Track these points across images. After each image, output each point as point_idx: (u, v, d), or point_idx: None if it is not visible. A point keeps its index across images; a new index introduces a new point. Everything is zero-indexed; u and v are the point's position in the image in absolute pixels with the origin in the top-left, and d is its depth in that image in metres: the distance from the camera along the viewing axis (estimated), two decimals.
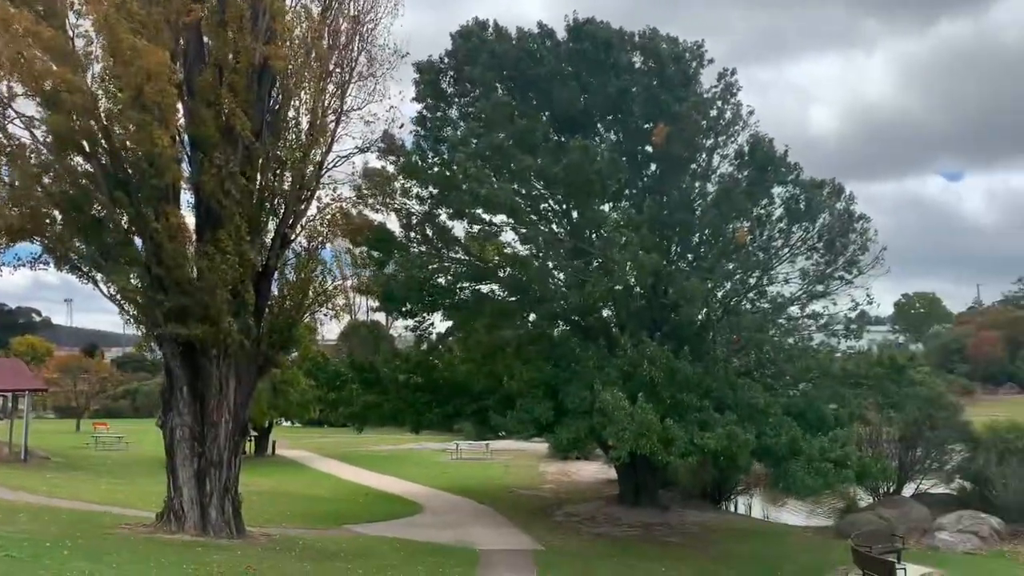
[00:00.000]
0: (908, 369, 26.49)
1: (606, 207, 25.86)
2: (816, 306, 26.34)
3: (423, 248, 26.78)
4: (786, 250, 26.19)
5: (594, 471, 38.57)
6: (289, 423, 60.79)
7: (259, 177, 18.67)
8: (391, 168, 25.59)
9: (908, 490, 30.50)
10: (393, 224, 26.82)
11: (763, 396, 22.09)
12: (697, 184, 26.27)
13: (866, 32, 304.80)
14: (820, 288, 26.18)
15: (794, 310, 26.64)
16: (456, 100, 27.60)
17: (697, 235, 25.80)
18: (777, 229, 25.82)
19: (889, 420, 27.33)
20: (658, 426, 19.21)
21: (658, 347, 22.00)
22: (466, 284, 27.56)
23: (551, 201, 26.63)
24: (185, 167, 18.41)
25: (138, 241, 17.78)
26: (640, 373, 21.22)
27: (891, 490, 30.42)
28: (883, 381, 25.62)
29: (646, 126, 25.42)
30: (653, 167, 26.46)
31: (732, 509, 33.12)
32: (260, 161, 18.35)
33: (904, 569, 19.27)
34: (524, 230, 25.54)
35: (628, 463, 27.04)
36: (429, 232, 26.82)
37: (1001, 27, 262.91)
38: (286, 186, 18.97)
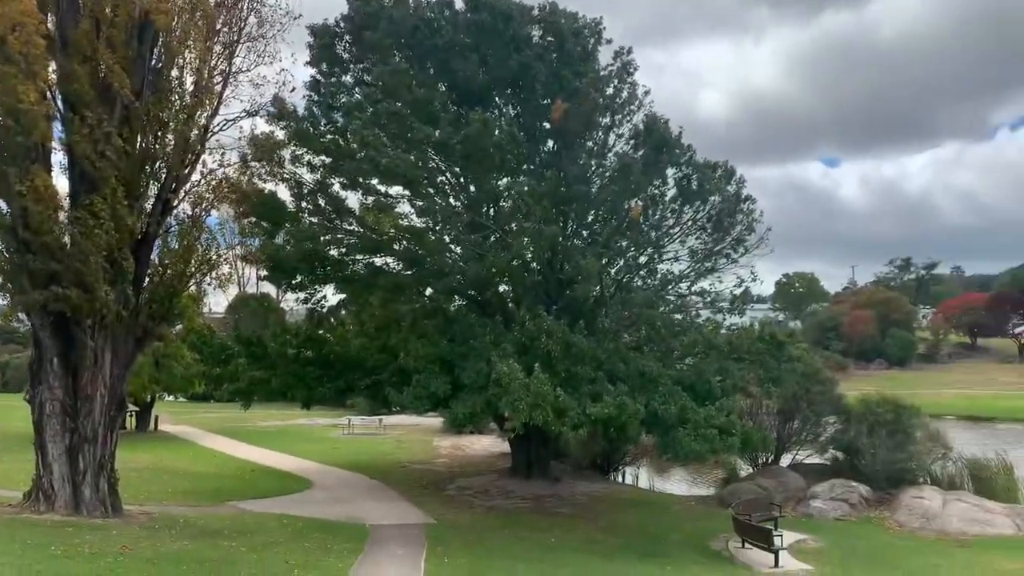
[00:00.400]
0: (788, 345, 27.60)
1: (503, 181, 25.79)
2: (704, 283, 27.22)
3: (315, 219, 26.04)
4: (677, 229, 26.87)
5: (487, 445, 38.83)
6: (173, 398, 58.64)
7: (139, 139, 17.69)
8: (281, 134, 24.72)
9: (785, 460, 31.99)
10: (284, 194, 26.01)
11: (655, 365, 22.67)
12: (594, 162, 26.51)
13: (756, 20, 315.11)
14: (708, 266, 27.03)
15: (683, 287, 27.42)
16: (352, 66, 26.83)
17: (593, 212, 26.09)
18: (669, 209, 26.40)
19: (769, 394, 28.49)
20: (552, 397, 19.40)
21: (555, 321, 22.19)
22: (360, 257, 26.99)
23: (448, 174, 26.36)
24: (58, 126, 17.29)
25: (2, 203, 16.60)
26: (537, 346, 21.36)
27: (769, 460, 31.84)
28: (764, 356, 26.61)
29: (544, 102, 25.43)
30: (551, 143, 26.52)
31: (620, 480, 33.95)
32: (140, 122, 17.37)
33: (780, 536, 20.20)
34: (421, 202, 25.19)
35: (521, 436, 27.30)
36: (321, 202, 26.11)
37: (879, 22, 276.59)
38: (168, 149, 18.04)
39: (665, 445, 21.82)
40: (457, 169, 25.79)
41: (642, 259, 26.26)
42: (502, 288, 27.39)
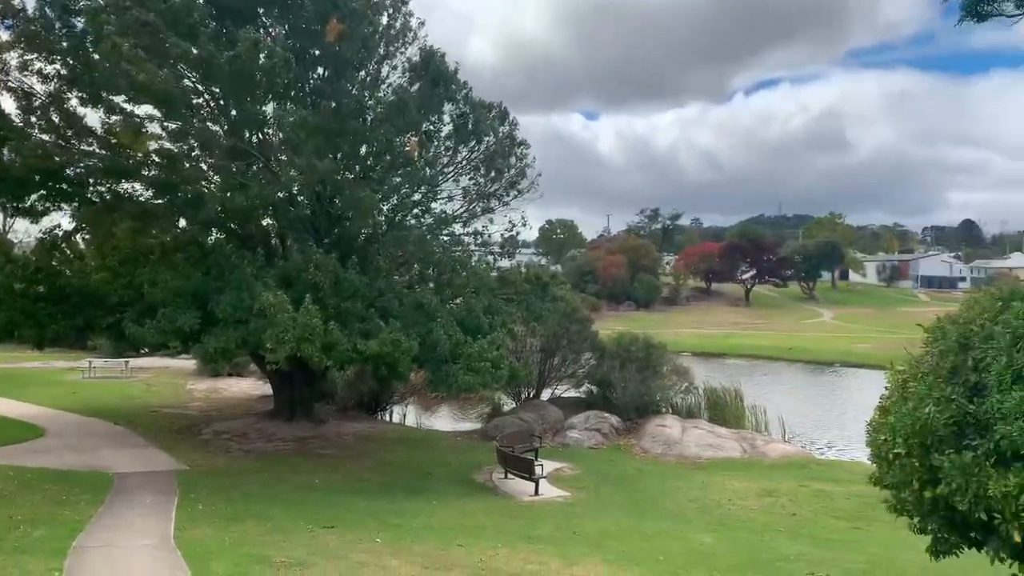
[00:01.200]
0: (551, 286, 28.66)
1: (269, 107, 24.13)
2: (476, 224, 27.38)
3: (47, 136, 22.96)
4: (451, 169, 26.74)
5: (247, 388, 37.09)
6: None
7: None
8: (6, 35, 21.41)
9: (546, 395, 33.51)
10: (9, 105, 22.66)
11: (433, 298, 22.63)
12: (367, 94, 25.53)
13: None
14: (481, 207, 27.23)
15: (456, 228, 27.44)
16: None
17: (366, 147, 25.20)
18: (444, 147, 26.16)
19: (533, 331, 29.53)
20: (321, 329, 18.66)
21: (325, 255, 21.32)
22: (102, 181, 24.24)
23: (207, 95, 24.20)
24: None
25: None
26: (304, 279, 20.42)
27: (531, 395, 33.20)
28: (530, 296, 27.45)
29: (315, 28, 23.95)
30: (321, 70, 25.16)
31: (388, 419, 33.90)
32: None
33: (541, 466, 21.09)
34: (176, 124, 22.98)
35: (284, 376, 26.24)
36: (56, 118, 23.04)
37: None
38: None
39: (438, 380, 21.90)
40: (217, 90, 23.74)
41: (416, 196, 25.84)
42: (266, 221, 25.92)
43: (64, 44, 22.17)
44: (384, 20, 25.28)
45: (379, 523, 15.51)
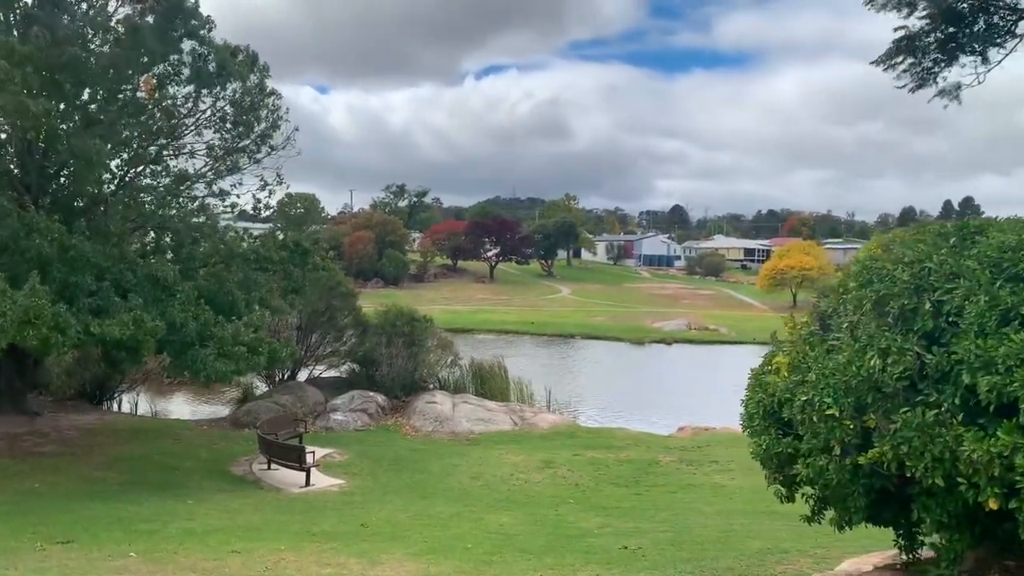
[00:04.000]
0: (312, 254, 26.40)
1: None
2: (224, 184, 24.38)
3: None
4: (193, 119, 23.50)
5: None
6: None
7: None
8: None
9: (303, 375, 31.07)
10: None
11: (171, 271, 19.48)
12: (90, 31, 21.59)
13: None
14: (228, 165, 24.24)
15: (200, 188, 24.25)
16: None
17: (91, 89, 21.31)
18: (184, 94, 22.89)
19: (292, 305, 27.07)
20: (49, 311, 15.22)
21: (48, 218, 17.55)
22: None
23: None
24: None
25: None
26: (23, 248, 16.63)
27: (286, 376, 30.61)
28: (288, 266, 25.05)
29: None
30: None
31: (117, 408, 29.66)
32: None
33: (312, 452, 19.09)
34: None
35: None
36: None
37: None
38: None
39: (184, 366, 19.01)
40: None
41: (152, 150, 22.39)
42: None
43: None
44: None
45: (127, 532, 12.82)
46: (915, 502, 5.41)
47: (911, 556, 7.80)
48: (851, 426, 5.20)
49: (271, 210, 27.45)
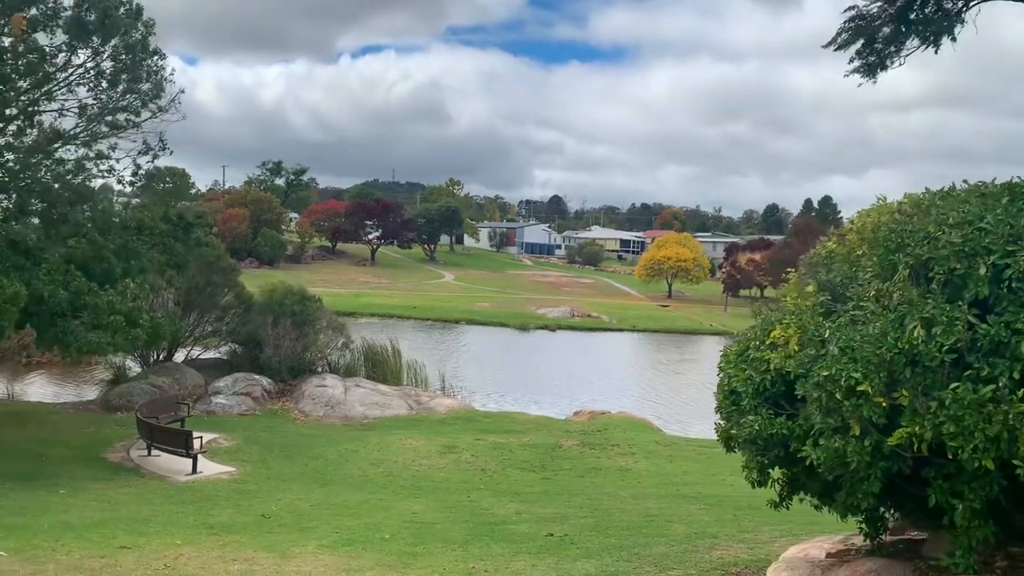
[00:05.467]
0: (196, 227, 24.61)
1: None
2: (102, 146, 22.23)
3: None
4: (64, 74, 21.27)
5: None
6: None
7: None
8: None
9: (179, 356, 29.04)
10: None
11: (33, 235, 17.52)
12: None
13: None
14: (107, 124, 22.12)
15: (74, 148, 22.02)
16: None
17: None
18: (59, 44, 20.65)
19: (171, 282, 25.14)
20: None
21: None
22: None
23: None
24: None
25: None
26: None
27: (162, 357, 28.52)
28: (169, 239, 23.24)
29: None
30: None
31: None
32: None
33: (200, 438, 17.64)
34: None
35: None
36: None
37: None
38: None
39: (52, 339, 17.21)
40: None
41: (22, 100, 20.12)
42: None
43: None
44: None
45: None
46: (931, 486, 5.07)
47: (874, 542, 7.60)
48: (882, 404, 4.77)
49: (139, 182, 25.38)
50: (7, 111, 20.46)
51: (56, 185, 20.16)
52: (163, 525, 12.12)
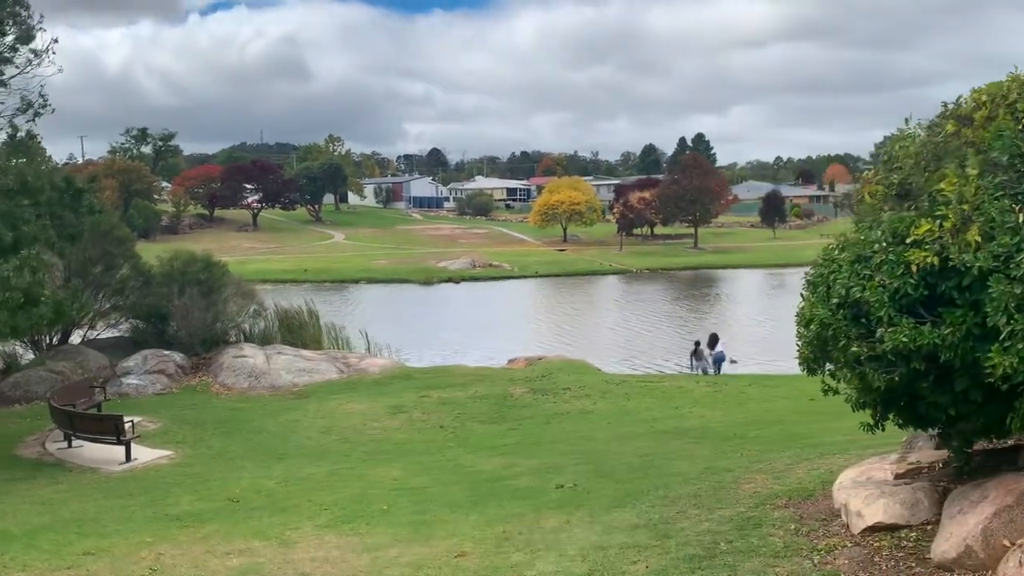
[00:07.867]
0: (87, 194, 22.19)
1: None
2: None
3: None
4: None
5: None
6: None
7: None
8: None
9: (76, 337, 26.45)
10: None
11: None
12: None
13: None
14: None
15: None
16: None
17: None
18: None
19: (62, 254, 22.63)
20: None
21: None
22: None
23: None
24: None
25: None
26: None
27: (55, 340, 25.88)
28: (59, 207, 20.86)
29: None
30: None
31: None
32: None
33: (132, 422, 15.89)
34: None
35: None
36: None
37: None
38: None
39: None
40: None
41: None
42: None
43: None
44: None
45: None
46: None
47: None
48: None
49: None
50: None
51: None
52: (119, 523, 10.64)
